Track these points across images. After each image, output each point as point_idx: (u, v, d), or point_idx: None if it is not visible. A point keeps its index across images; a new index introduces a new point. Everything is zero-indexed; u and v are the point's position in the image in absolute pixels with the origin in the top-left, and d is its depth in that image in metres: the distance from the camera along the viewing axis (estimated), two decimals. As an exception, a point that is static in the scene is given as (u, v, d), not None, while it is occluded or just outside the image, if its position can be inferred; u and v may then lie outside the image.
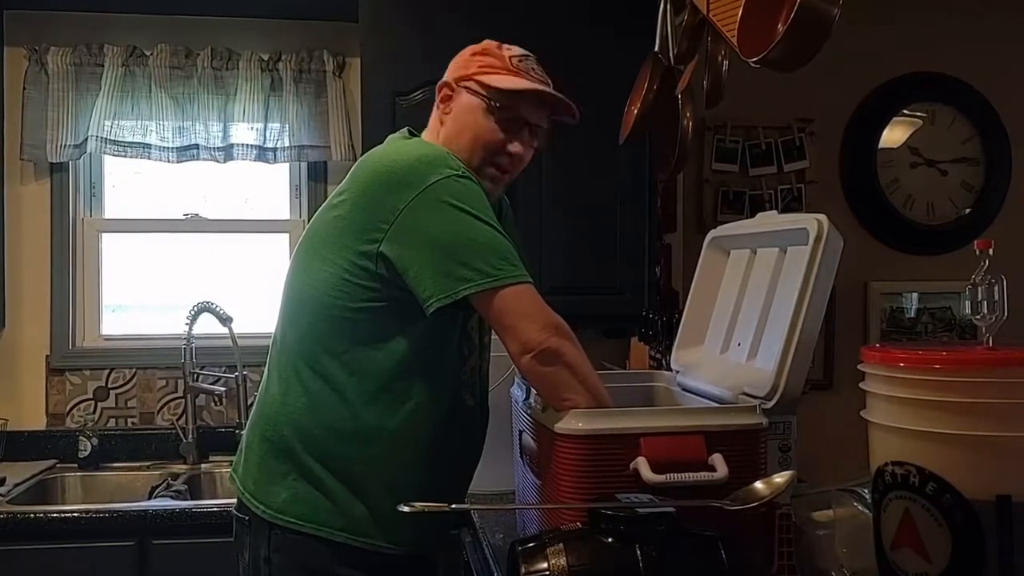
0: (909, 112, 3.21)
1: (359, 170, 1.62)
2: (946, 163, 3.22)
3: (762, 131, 3.08)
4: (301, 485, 1.57)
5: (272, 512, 1.58)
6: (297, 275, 1.66)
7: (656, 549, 1.21)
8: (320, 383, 1.58)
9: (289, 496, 1.57)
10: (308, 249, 1.64)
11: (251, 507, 1.61)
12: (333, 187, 3.18)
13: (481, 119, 1.61)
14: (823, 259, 1.48)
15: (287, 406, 1.60)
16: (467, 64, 1.64)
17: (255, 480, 1.61)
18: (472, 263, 1.45)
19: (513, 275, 1.46)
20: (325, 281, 1.57)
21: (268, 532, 1.58)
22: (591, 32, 2.67)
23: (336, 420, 1.57)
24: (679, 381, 1.86)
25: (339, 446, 1.57)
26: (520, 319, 1.46)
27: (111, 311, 3.22)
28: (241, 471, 1.66)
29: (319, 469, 1.57)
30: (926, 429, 1.19)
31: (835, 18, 1.29)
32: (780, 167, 3.09)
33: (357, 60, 2.80)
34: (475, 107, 1.62)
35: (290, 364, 1.63)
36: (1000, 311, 1.24)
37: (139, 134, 3.05)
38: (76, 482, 2.94)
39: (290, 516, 1.57)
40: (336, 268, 1.55)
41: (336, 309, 1.56)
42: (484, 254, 1.46)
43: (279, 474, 1.59)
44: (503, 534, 1.82)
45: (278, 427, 1.61)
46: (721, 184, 3.07)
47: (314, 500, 1.57)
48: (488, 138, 1.62)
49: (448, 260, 1.46)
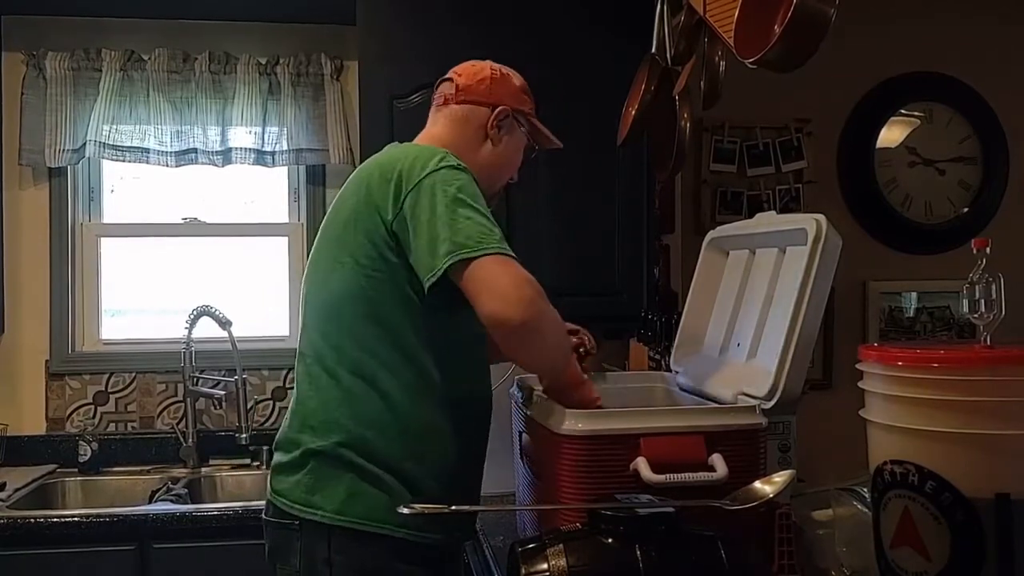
0: (907, 112, 3.21)
1: (365, 172, 1.66)
2: (944, 162, 3.22)
3: (760, 131, 3.08)
4: (359, 486, 1.58)
5: (331, 515, 1.58)
6: (321, 283, 1.67)
7: (656, 549, 1.22)
8: (362, 384, 1.59)
9: (348, 497, 1.58)
10: (327, 257, 1.66)
11: (301, 513, 1.60)
12: (332, 190, 3.20)
13: (520, 156, 1.82)
14: (822, 259, 1.49)
15: (331, 408, 1.61)
16: (520, 100, 1.79)
17: (308, 488, 1.61)
18: (453, 238, 1.47)
19: (489, 246, 1.47)
20: (352, 283, 1.60)
21: (327, 534, 1.58)
22: (588, 34, 2.67)
23: (382, 419, 1.59)
24: (678, 382, 1.86)
25: (389, 444, 1.58)
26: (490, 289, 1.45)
27: (110, 315, 3.22)
28: (287, 483, 1.64)
29: (374, 468, 1.58)
30: (925, 428, 1.19)
31: (831, 18, 1.29)
32: (778, 167, 3.09)
33: (355, 63, 2.80)
34: (521, 144, 1.81)
35: (326, 371, 1.63)
36: (997, 309, 1.24)
37: (137, 138, 3.05)
38: (76, 487, 2.93)
39: (352, 517, 1.57)
40: (359, 268, 1.59)
41: (368, 309, 1.59)
42: (467, 231, 1.48)
43: (334, 479, 1.59)
44: (503, 535, 1.82)
45: (326, 435, 1.61)
46: (719, 185, 3.07)
47: (373, 499, 1.57)
48: (516, 170, 1.83)
49: (434, 239, 1.49)
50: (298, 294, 3.23)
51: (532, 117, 1.80)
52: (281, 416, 3.16)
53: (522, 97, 1.78)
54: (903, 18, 3.15)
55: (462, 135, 1.74)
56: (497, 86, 1.76)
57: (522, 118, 1.78)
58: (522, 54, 2.66)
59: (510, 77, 1.79)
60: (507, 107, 1.75)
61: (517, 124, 1.78)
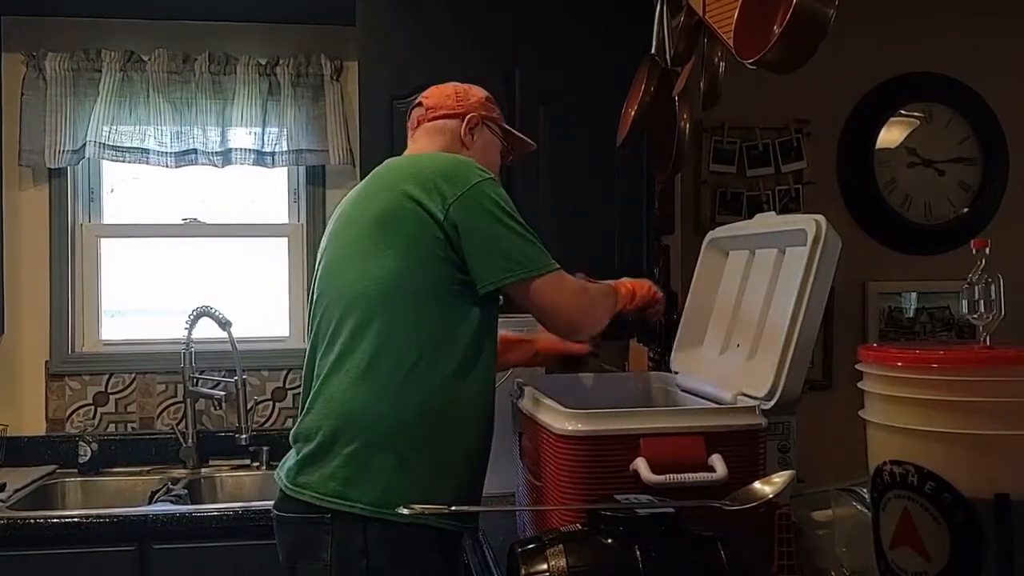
0: (906, 112, 3.22)
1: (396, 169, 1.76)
2: (943, 163, 3.23)
3: (759, 132, 3.09)
4: (395, 476, 1.60)
5: (370, 508, 1.59)
6: (354, 275, 1.68)
7: (656, 550, 1.22)
8: (401, 374, 1.62)
9: (385, 488, 1.59)
10: (360, 251, 1.69)
11: (335, 506, 1.60)
12: (331, 191, 3.20)
13: (497, 157, 1.96)
14: (821, 260, 1.49)
15: (367, 402, 1.62)
16: (487, 108, 1.93)
17: (343, 480, 1.61)
18: (512, 255, 1.65)
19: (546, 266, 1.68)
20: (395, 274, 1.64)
21: (363, 526, 1.59)
22: (588, 34, 2.67)
23: (421, 408, 1.61)
24: (678, 382, 1.86)
25: (428, 433, 1.61)
26: (557, 308, 1.69)
27: (110, 316, 3.22)
28: (316, 476, 1.64)
29: (413, 457, 1.61)
30: (924, 428, 1.19)
31: (831, 19, 1.29)
32: (778, 168, 3.10)
33: (354, 64, 2.80)
34: (495, 146, 1.95)
35: (362, 360, 1.64)
36: (997, 310, 1.24)
37: (137, 139, 3.05)
38: (76, 487, 2.93)
39: (390, 508, 1.54)
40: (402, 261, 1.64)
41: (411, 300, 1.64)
42: (523, 249, 1.66)
43: (369, 469, 1.60)
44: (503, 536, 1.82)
45: (363, 426, 1.62)
46: (719, 185, 3.08)
47: (411, 490, 1.58)
48: (496, 168, 1.93)
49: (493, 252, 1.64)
50: (298, 295, 3.25)
51: (501, 122, 1.96)
52: (281, 417, 3.16)
53: (488, 105, 1.93)
54: (902, 19, 3.16)
55: (442, 145, 1.87)
56: (462, 99, 1.91)
57: (491, 123, 1.93)
58: (522, 54, 2.68)
59: (472, 90, 1.94)
60: (476, 114, 1.89)
61: (488, 129, 1.93)
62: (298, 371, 2.47)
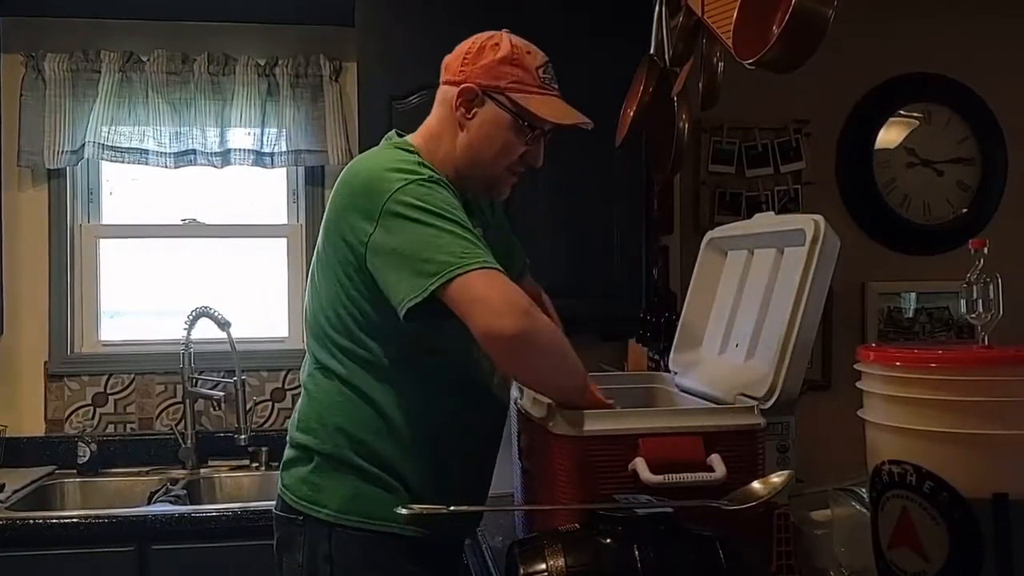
0: (905, 112, 3.22)
1: (340, 181, 1.63)
2: (942, 163, 3.23)
3: (758, 132, 3.09)
4: (360, 484, 1.59)
5: (333, 513, 1.59)
6: (315, 289, 1.68)
7: (654, 549, 1.22)
8: (353, 392, 1.60)
9: (349, 496, 1.59)
10: (319, 257, 1.67)
11: (305, 509, 1.61)
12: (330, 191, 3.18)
13: (510, 136, 1.61)
14: (820, 260, 1.49)
15: (329, 407, 1.62)
16: (497, 73, 1.59)
17: (312, 486, 1.62)
18: (435, 258, 1.42)
19: (472, 262, 1.41)
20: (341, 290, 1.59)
21: (328, 532, 1.59)
22: (587, 35, 2.68)
23: (376, 424, 1.59)
24: (677, 382, 1.86)
25: (386, 447, 1.59)
26: (478, 304, 1.39)
27: (109, 317, 3.21)
28: (292, 477, 1.66)
29: (373, 468, 1.59)
30: (923, 428, 1.20)
31: (830, 19, 1.29)
32: (777, 168, 3.10)
33: (353, 64, 2.80)
34: (504, 123, 1.60)
35: (324, 374, 1.64)
36: (995, 310, 1.25)
37: (136, 140, 3.04)
38: (75, 488, 2.93)
39: (354, 516, 1.57)
40: (340, 283, 1.59)
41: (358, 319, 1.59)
42: (445, 248, 1.43)
43: (336, 477, 1.60)
44: (502, 536, 1.82)
45: (328, 436, 1.62)
46: (718, 186, 3.08)
47: (375, 497, 1.58)
48: (514, 153, 1.63)
49: (414, 262, 1.44)
50: (297, 295, 3.25)
51: (512, 92, 1.58)
52: (280, 417, 3.16)
53: (500, 70, 1.58)
54: (902, 19, 3.16)
55: (444, 119, 1.64)
56: (471, 61, 1.60)
57: (497, 94, 1.59)
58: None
59: (487, 49, 1.60)
60: (472, 85, 1.59)
61: (493, 102, 1.59)
62: (297, 372, 2.47)
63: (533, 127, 1.61)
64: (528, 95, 1.59)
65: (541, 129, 1.63)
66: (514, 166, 1.66)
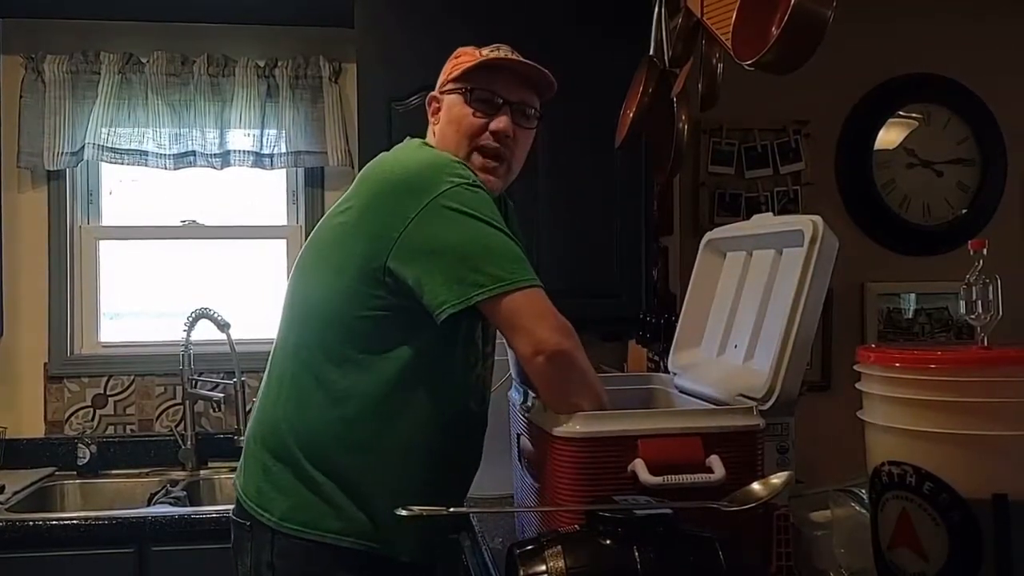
0: (905, 113, 3.21)
1: (368, 176, 1.61)
2: (942, 164, 3.23)
3: (758, 133, 3.09)
4: (304, 493, 1.57)
5: (276, 520, 1.58)
6: (302, 282, 1.66)
7: (654, 551, 1.21)
8: (321, 391, 1.58)
9: (292, 504, 1.57)
10: (314, 256, 1.64)
11: (254, 514, 1.61)
12: (330, 193, 3.20)
13: (461, 110, 1.64)
14: (818, 261, 1.49)
15: (288, 413, 1.61)
16: (444, 71, 1.70)
17: (258, 488, 1.61)
18: (484, 268, 1.44)
19: (524, 278, 1.45)
20: (332, 287, 1.57)
21: (271, 538, 1.58)
22: (587, 36, 2.68)
23: (335, 429, 1.57)
24: (676, 383, 1.86)
25: (340, 454, 1.57)
26: (533, 320, 1.44)
27: (109, 318, 3.22)
28: (244, 478, 1.66)
29: (321, 476, 1.57)
30: (922, 429, 1.19)
31: (829, 20, 1.29)
32: (776, 169, 3.10)
33: (353, 66, 2.81)
34: (455, 102, 1.65)
35: (291, 371, 1.63)
36: (994, 310, 1.24)
37: (136, 141, 3.05)
38: (75, 489, 2.93)
39: (295, 524, 1.57)
40: (344, 275, 1.55)
41: (342, 316, 1.56)
42: (495, 259, 1.45)
43: (282, 482, 1.59)
44: (502, 538, 1.82)
45: (279, 434, 1.61)
46: (717, 186, 3.08)
47: (317, 507, 1.56)
48: (468, 123, 1.63)
49: (459, 267, 1.45)
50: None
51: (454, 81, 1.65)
52: (280, 418, 3.16)
53: (449, 67, 1.68)
54: (901, 19, 3.16)
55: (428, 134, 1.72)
56: (443, 72, 1.70)
57: (447, 84, 1.67)
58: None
59: (453, 58, 1.69)
60: (434, 93, 1.70)
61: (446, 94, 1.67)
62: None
63: (475, 89, 1.62)
64: (464, 66, 1.64)
65: (493, 93, 1.63)
66: (482, 143, 1.63)
